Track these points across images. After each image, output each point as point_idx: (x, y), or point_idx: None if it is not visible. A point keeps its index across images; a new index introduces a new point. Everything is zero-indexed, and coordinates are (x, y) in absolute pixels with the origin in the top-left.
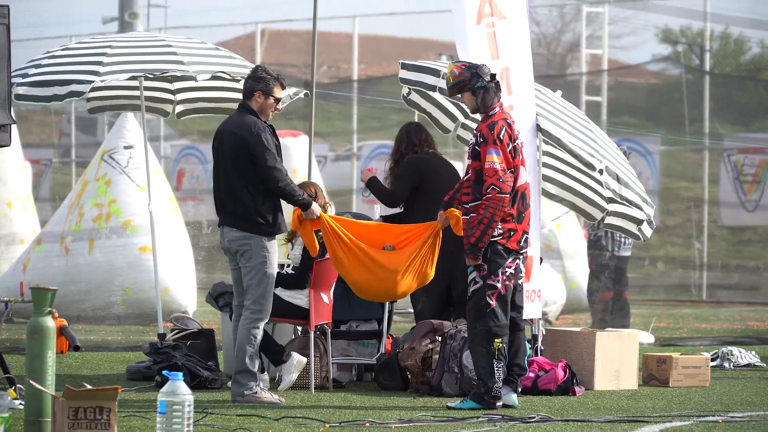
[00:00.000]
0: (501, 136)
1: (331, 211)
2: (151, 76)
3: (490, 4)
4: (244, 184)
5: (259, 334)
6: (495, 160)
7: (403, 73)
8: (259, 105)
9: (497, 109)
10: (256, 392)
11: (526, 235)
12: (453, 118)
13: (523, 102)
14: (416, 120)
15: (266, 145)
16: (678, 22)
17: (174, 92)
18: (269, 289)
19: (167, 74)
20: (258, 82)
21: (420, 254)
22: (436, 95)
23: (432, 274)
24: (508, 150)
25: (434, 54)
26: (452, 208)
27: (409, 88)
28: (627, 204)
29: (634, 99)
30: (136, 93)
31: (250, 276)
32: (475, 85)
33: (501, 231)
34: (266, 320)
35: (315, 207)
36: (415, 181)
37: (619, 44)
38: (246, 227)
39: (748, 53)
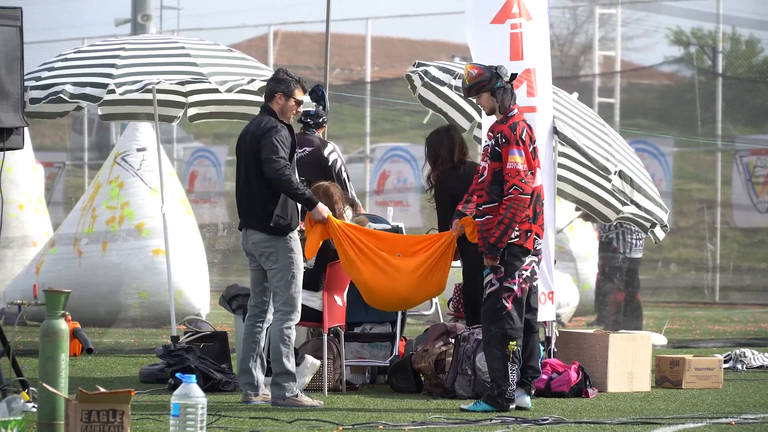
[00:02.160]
0: (523, 137)
1: (348, 213)
2: (166, 83)
3: (519, 5)
4: (262, 185)
5: (293, 334)
6: (518, 160)
7: (411, 69)
8: (280, 107)
9: (516, 110)
10: (296, 395)
11: (539, 236)
12: (469, 118)
13: (543, 103)
14: (425, 122)
15: (272, 139)
16: (690, 23)
17: (186, 95)
18: (298, 289)
19: (183, 82)
20: (279, 84)
21: (432, 261)
22: (450, 93)
23: (445, 284)
24: (529, 151)
25: (447, 56)
26: (467, 217)
27: (415, 79)
28: (638, 207)
29: (647, 101)
30: (148, 97)
31: (277, 278)
32: (494, 86)
33: (518, 232)
34: (297, 320)
35: (321, 207)
36: (450, 199)
37: (631, 46)
38: (268, 229)
39: (760, 54)
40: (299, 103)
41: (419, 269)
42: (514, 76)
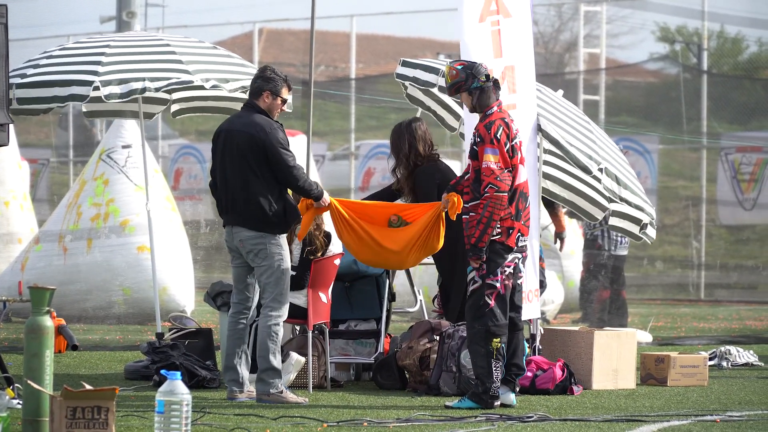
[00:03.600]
0: (498, 136)
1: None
2: (152, 89)
3: (497, 2)
4: (259, 183)
5: (280, 330)
6: (491, 159)
7: (401, 69)
8: (267, 104)
9: (495, 108)
10: (281, 391)
11: (523, 234)
12: (456, 116)
13: (526, 101)
14: (419, 116)
15: (284, 144)
16: (676, 20)
17: (170, 91)
18: (286, 286)
19: (170, 86)
20: (267, 82)
21: (424, 232)
22: (438, 92)
23: (439, 245)
24: (505, 149)
25: (432, 53)
26: (454, 192)
27: (404, 83)
28: (627, 204)
29: (632, 98)
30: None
31: (267, 275)
32: (471, 86)
33: (499, 229)
34: (285, 317)
35: (326, 196)
36: (436, 189)
37: (616, 43)
38: (260, 227)
39: (745, 52)
40: (284, 101)
41: (410, 243)
42: (487, 77)
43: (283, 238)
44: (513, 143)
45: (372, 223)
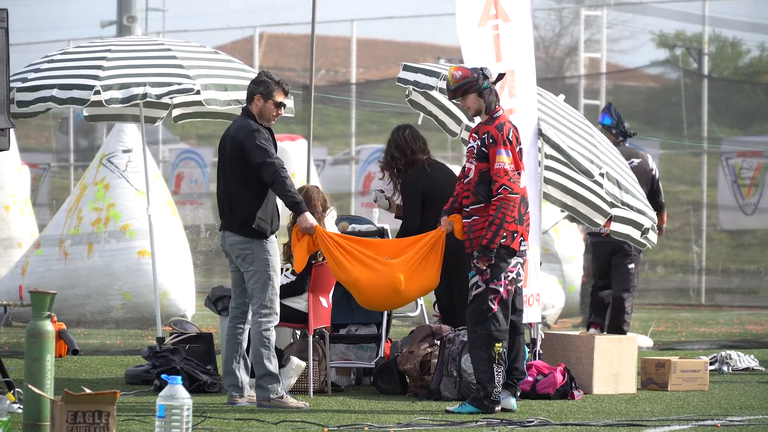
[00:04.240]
0: (509, 138)
1: (333, 215)
2: (153, 96)
3: (496, 6)
4: (241, 188)
5: (272, 335)
6: (505, 160)
7: (402, 74)
8: (259, 108)
9: (501, 111)
10: (281, 396)
11: (524, 238)
12: (458, 121)
13: (526, 105)
14: (419, 123)
15: (256, 142)
16: (676, 25)
17: (171, 96)
18: (275, 290)
19: (171, 94)
20: (258, 86)
21: (421, 255)
22: (440, 96)
23: (438, 278)
24: (516, 151)
25: (432, 57)
26: (456, 214)
27: (407, 89)
28: (629, 209)
29: (633, 103)
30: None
31: (254, 280)
32: (482, 86)
33: (504, 233)
34: (276, 322)
35: (309, 218)
36: (420, 198)
37: (617, 48)
38: (246, 232)
39: (746, 56)
40: (279, 105)
41: (409, 263)
42: (501, 76)
43: (270, 243)
44: (520, 147)
45: (366, 250)
